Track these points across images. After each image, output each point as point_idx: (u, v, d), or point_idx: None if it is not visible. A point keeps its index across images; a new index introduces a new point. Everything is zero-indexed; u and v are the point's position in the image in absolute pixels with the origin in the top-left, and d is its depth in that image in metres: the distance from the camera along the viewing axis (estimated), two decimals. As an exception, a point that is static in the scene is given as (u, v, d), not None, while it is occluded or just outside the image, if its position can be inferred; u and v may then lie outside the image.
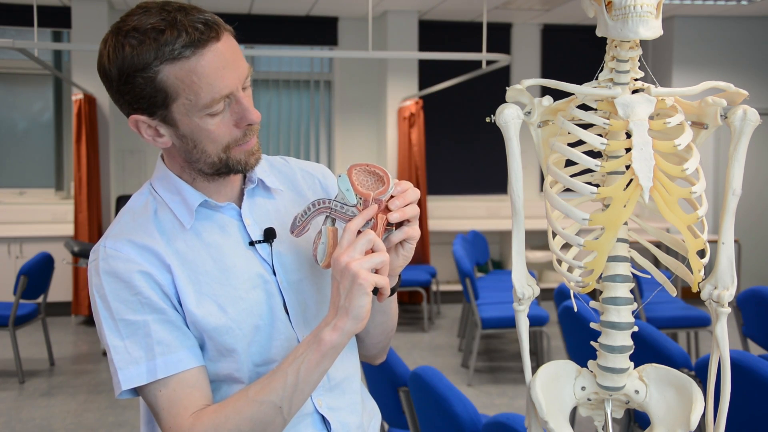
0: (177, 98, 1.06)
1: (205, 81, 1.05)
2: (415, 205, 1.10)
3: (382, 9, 7.17)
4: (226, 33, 1.08)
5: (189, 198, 1.16)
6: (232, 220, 1.19)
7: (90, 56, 6.86)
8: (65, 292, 6.61)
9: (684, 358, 2.65)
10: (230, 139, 1.11)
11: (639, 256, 1.16)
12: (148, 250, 1.12)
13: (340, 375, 1.24)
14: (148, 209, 1.17)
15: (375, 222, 1.07)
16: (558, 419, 1.13)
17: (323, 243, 1.09)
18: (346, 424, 1.22)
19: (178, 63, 1.04)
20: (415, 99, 7.13)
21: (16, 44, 4.39)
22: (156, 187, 1.20)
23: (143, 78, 1.05)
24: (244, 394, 1.08)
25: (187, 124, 1.09)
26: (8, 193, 7.15)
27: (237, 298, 1.14)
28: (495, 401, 4.42)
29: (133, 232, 1.13)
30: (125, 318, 1.10)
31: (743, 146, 1.06)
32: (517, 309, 1.17)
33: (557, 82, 1.09)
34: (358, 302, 1.02)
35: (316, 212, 1.10)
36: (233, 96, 1.08)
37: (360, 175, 1.09)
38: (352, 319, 1.03)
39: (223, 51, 1.06)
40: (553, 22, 7.76)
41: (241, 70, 1.09)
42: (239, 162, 1.14)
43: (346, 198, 1.08)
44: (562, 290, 3.86)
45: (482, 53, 5.28)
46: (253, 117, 1.09)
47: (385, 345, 1.36)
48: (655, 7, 1.03)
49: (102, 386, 4.74)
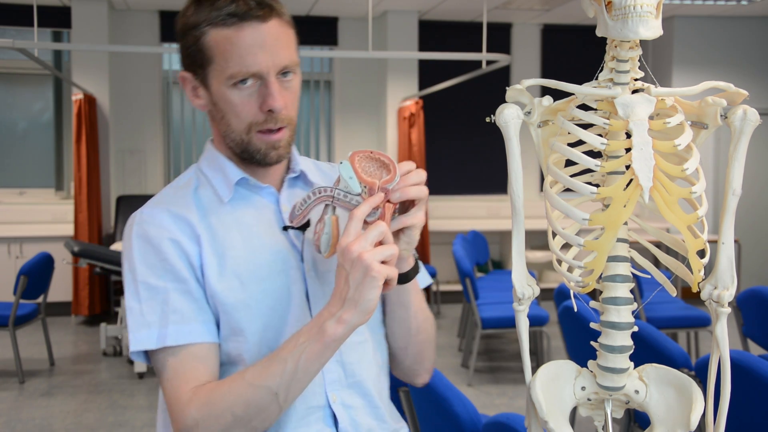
0: (212, 62, 1.12)
1: (237, 52, 1.09)
2: (421, 187, 1.07)
3: (382, 9, 7.17)
4: (276, 19, 1.11)
5: (230, 173, 1.20)
6: (269, 204, 1.21)
7: (90, 56, 6.87)
8: (65, 292, 6.61)
9: (684, 358, 2.65)
10: (252, 119, 1.13)
11: (639, 256, 1.16)
12: (182, 220, 1.15)
13: (362, 374, 1.21)
14: (190, 185, 1.22)
15: (383, 211, 1.03)
16: (558, 419, 1.13)
17: (326, 233, 1.05)
18: (358, 424, 1.20)
19: (220, 28, 1.10)
20: (415, 99, 7.13)
21: (16, 44, 4.39)
22: (202, 167, 1.24)
23: (193, 36, 1.13)
24: (242, 376, 1.07)
25: (217, 91, 1.13)
26: (8, 193, 7.16)
27: (259, 278, 1.14)
28: (495, 401, 4.42)
29: (171, 202, 1.18)
30: (147, 281, 1.12)
31: (743, 146, 1.06)
32: (517, 309, 1.17)
33: (557, 82, 1.09)
34: (368, 295, 1.00)
35: (317, 201, 1.05)
36: (264, 79, 1.11)
37: (363, 162, 1.05)
38: (360, 312, 1.01)
39: (264, 32, 1.10)
40: (553, 22, 7.76)
41: (279, 57, 1.11)
42: (259, 150, 1.16)
43: (349, 186, 1.03)
44: (562, 290, 3.86)
45: (482, 53, 5.28)
46: (273, 103, 1.11)
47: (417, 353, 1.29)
48: (655, 7, 1.03)
49: (102, 386, 4.74)
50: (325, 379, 1.18)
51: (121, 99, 7.19)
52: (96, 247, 5.44)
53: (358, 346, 1.22)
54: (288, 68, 1.14)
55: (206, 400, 1.06)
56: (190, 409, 1.06)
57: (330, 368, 1.18)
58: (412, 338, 1.27)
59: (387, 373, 1.30)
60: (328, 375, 1.18)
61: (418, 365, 1.31)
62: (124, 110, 7.22)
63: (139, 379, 4.85)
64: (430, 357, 1.32)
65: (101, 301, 6.69)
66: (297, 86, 1.17)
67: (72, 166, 6.77)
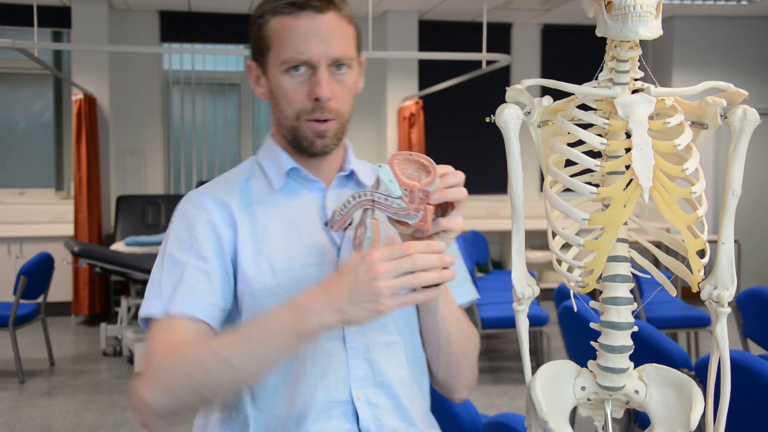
0: (270, 49, 1.17)
1: (291, 40, 1.14)
2: (460, 188, 1.06)
3: (382, 9, 7.17)
4: (333, 12, 1.15)
5: (283, 162, 1.24)
6: (315, 198, 1.24)
7: (90, 56, 6.87)
8: (65, 292, 6.61)
9: (684, 358, 2.65)
10: (301, 106, 1.17)
11: (639, 256, 1.16)
12: (222, 205, 1.19)
13: (390, 374, 1.20)
14: (243, 175, 1.26)
15: (424, 214, 1.02)
16: (558, 419, 1.13)
17: (369, 237, 1.02)
18: (382, 424, 1.18)
19: (279, 17, 1.15)
20: (415, 99, 7.13)
21: (16, 44, 4.39)
22: (259, 158, 1.29)
23: (258, 25, 1.19)
24: (207, 342, 1.06)
25: (273, 77, 1.18)
26: (8, 193, 7.15)
27: (290, 268, 1.16)
28: (495, 401, 4.42)
29: (219, 189, 1.23)
30: (172, 254, 1.16)
31: (743, 146, 1.06)
32: (517, 309, 1.17)
33: (557, 82, 1.09)
34: (360, 317, 0.97)
35: (357, 205, 1.03)
36: (315, 68, 1.15)
37: (402, 165, 1.03)
38: (339, 319, 0.98)
39: (319, 23, 1.14)
40: (553, 22, 7.76)
41: (331, 48, 1.15)
42: (306, 138, 1.19)
43: (389, 189, 1.01)
44: (562, 290, 3.86)
45: (482, 53, 5.28)
46: (320, 91, 1.14)
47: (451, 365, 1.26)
48: (655, 7, 1.03)
49: (102, 386, 4.74)
50: (350, 375, 1.17)
51: (121, 99, 7.19)
52: (96, 247, 5.44)
53: (387, 346, 1.21)
54: (341, 61, 1.16)
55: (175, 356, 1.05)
56: (156, 361, 1.06)
57: (356, 365, 1.18)
58: (442, 348, 1.25)
59: (424, 379, 1.28)
60: (353, 371, 1.18)
61: (452, 378, 1.29)
62: (124, 110, 7.21)
63: (139, 379, 4.85)
64: (466, 373, 1.29)
65: (101, 301, 6.69)
66: (351, 81, 1.20)
67: (72, 166, 6.77)
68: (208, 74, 7.62)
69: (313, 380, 1.16)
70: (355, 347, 1.18)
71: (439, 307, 1.22)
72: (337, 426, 1.16)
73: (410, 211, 1.01)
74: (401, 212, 1.01)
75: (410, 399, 1.23)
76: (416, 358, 1.26)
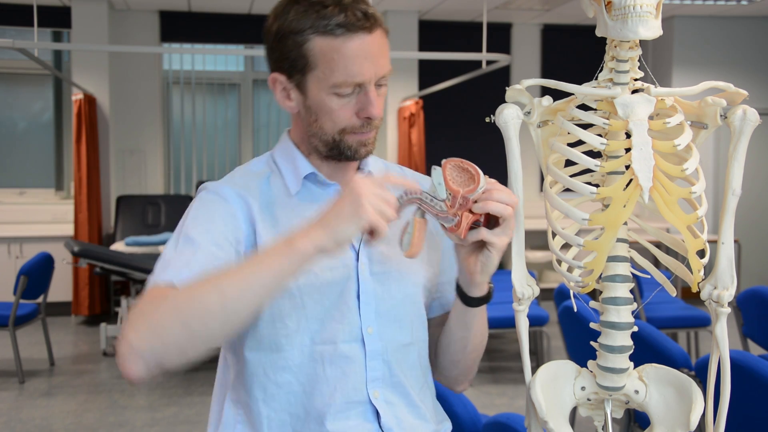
0: (315, 68, 1.13)
1: (343, 62, 1.11)
2: (505, 206, 1.08)
3: (382, 9, 7.18)
4: (380, 30, 1.15)
5: (300, 167, 1.22)
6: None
7: (90, 56, 6.87)
8: (65, 292, 6.61)
9: (684, 358, 2.65)
10: (347, 124, 1.16)
11: (639, 256, 1.16)
12: (243, 200, 1.18)
13: (404, 374, 1.22)
14: (263, 174, 1.24)
15: (459, 219, 1.07)
16: (558, 419, 1.13)
17: (408, 233, 1.09)
18: (401, 420, 1.21)
19: (327, 37, 1.12)
20: (415, 99, 7.13)
21: (16, 44, 4.39)
22: (275, 156, 1.26)
23: (294, 41, 1.14)
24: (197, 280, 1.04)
25: (315, 96, 1.15)
26: (8, 193, 7.15)
27: (309, 271, 1.14)
28: (495, 401, 4.42)
29: (239, 184, 1.20)
30: (188, 233, 1.13)
31: (743, 146, 1.06)
32: (516, 309, 1.17)
33: (557, 82, 1.09)
34: (344, 226, 0.99)
35: (408, 201, 1.09)
36: (364, 87, 1.14)
37: (453, 171, 1.09)
38: (328, 236, 0.99)
39: (369, 43, 1.13)
40: (553, 22, 7.76)
41: (380, 67, 1.14)
42: (350, 148, 1.18)
43: (437, 191, 1.07)
44: (562, 290, 3.86)
45: (482, 53, 5.28)
46: (374, 112, 1.15)
47: (466, 367, 1.33)
48: (655, 7, 1.03)
49: (102, 386, 4.74)
50: (368, 376, 1.19)
51: (121, 99, 7.19)
52: (96, 247, 5.44)
53: (404, 347, 1.23)
54: (385, 76, 1.17)
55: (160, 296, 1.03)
56: (141, 304, 1.03)
57: (373, 366, 1.19)
58: (467, 356, 1.30)
59: (429, 372, 1.31)
60: (371, 372, 1.19)
61: (463, 376, 1.35)
62: (124, 110, 7.21)
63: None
64: (475, 369, 1.35)
65: (101, 301, 6.69)
66: (386, 91, 1.20)
67: (72, 166, 6.76)
68: (208, 74, 7.62)
69: (332, 381, 1.16)
70: (373, 349, 1.19)
71: (474, 323, 1.25)
72: (356, 425, 1.17)
73: (449, 214, 1.07)
74: (441, 214, 1.07)
75: (421, 396, 1.26)
76: (425, 355, 1.29)
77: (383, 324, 1.20)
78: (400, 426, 1.20)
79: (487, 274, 1.16)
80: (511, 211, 1.09)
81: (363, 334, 1.18)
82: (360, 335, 1.18)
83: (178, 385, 4.61)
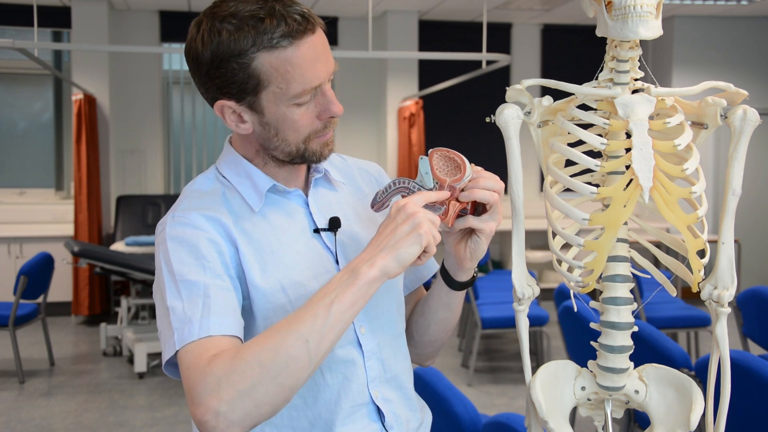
0: (268, 86, 1.08)
1: (299, 71, 1.07)
2: (491, 193, 1.09)
3: (382, 9, 7.18)
4: (319, 27, 1.10)
5: (259, 182, 1.18)
6: (298, 207, 1.21)
7: (90, 56, 6.87)
8: (65, 292, 6.61)
9: (684, 358, 2.66)
10: (311, 129, 1.13)
11: (639, 256, 1.16)
12: (216, 222, 1.13)
13: (397, 368, 1.23)
14: (217, 193, 1.18)
15: (446, 208, 1.07)
16: (558, 419, 1.13)
17: None
18: (398, 416, 1.22)
19: (274, 52, 1.06)
20: (415, 99, 7.13)
21: (16, 44, 4.39)
22: (223, 171, 1.21)
23: (238, 63, 1.07)
24: (271, 328, 1.01)
25: (274, 113, 1.11)
26: (8, 193, 7.16)
27: (298, 284, 1.14)
28: (495, 401, 4.42)
29: (202, 206, 1.14)
30: (186, 279, 1.07)
31: (743, 146, 1.06)
32: (517, 309, 1.17)
33: (557, 82, 1.09)
34: (409, 247, 0.99)
35: (396, 191, 1.10)
36: (320, 88, 1.11)
37: (440, 161, 1.09)
38: (395, 260, 0.99)
39: (317, 44, 1.09)
40: (553, 22, 7.77)
41: (330, 63, 1.12)
42: (314, 153, 1.16)
43: (424, 180, 1.08)
44: (562, 290, 3.86)
45: (482, 53, 5.28)
46: (336, 110, 1.13)
47: (440, 345, 1.37)
48: (655, 7, 1.03)
49: (102, 386, 4.74)
50: (368, 377, 1.19)
51: (121, 99, 7.19)
52: (96, 247, 5.44)
53: (394, 340, 1.24)
54: (334, 71, 1.15)
55: (231, 355, 0.98)
56: (211, 368, 0.97)
57: (371, 366, 1.19)
58: (446, 334, 1.33)
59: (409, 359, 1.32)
60: (370, 372, 1.19)
61: (435, 353, 1.38)
62: (124, 110, 7.22)
63: (139, 379, 4.85)
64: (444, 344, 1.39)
65: (101, 301, 6.69)
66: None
67: (72, 166, 6.77)
68: (208, 74, 7.61)
69: (335, 388, 1.16)
70: (369, 349, 1.19)
71: (455, 303, 1.27)
72: (362, 427, 1.18)
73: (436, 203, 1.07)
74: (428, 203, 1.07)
75: (410, 386, 1.28)
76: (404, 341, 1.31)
77: (373, 320, 1.20)
78: (398, 421, 1.21)
79: (476, 260, 1.17)
80: (497, 197, 1.09)
81: (357, 336, 1.18)
82: (355, 337, 1.18)
83: (178, 385, 4.61)
